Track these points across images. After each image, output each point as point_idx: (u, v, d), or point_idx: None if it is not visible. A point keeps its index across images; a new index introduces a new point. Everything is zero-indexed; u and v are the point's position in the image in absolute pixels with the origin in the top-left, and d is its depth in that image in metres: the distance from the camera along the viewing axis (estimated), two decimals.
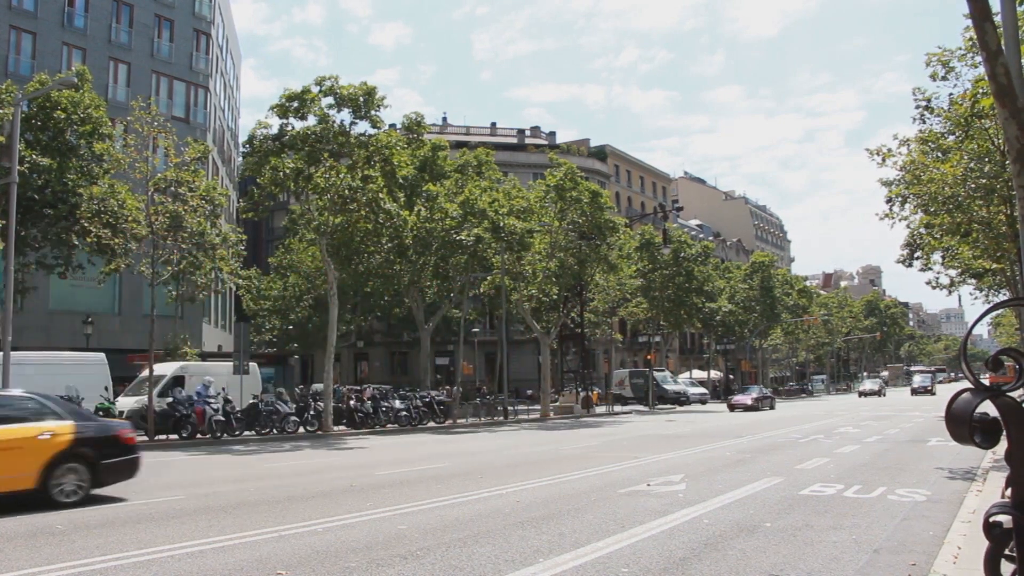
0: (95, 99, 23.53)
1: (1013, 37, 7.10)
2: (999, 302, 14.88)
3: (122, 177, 25.25)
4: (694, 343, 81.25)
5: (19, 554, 7.14)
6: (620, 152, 77.36)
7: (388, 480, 12.68)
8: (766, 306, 65.02)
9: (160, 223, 23.79)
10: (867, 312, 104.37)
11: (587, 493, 10.78)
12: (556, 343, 45.31)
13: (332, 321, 27.88)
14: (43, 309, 35.00)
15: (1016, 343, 34.86)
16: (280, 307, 46.35)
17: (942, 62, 16.48)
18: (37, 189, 22.08)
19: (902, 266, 39.64)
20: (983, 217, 17.31)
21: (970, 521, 7.56)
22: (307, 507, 9.76)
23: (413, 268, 34.28)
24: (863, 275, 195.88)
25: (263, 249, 64.56)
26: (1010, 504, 3.77)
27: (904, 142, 18.95)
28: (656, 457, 15.92)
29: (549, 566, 6.44)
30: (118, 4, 40.86)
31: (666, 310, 49.66)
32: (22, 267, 23.40)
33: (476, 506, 9.71)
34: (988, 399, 3.71)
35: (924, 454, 16.23)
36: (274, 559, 6.81)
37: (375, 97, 26.13)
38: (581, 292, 42.01)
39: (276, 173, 25.87)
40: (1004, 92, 6.82)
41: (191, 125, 42.14)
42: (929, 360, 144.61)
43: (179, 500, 10.63)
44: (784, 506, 9.58)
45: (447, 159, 39.31)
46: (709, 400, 53.63)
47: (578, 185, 35.74)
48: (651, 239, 48.92)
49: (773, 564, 6.54)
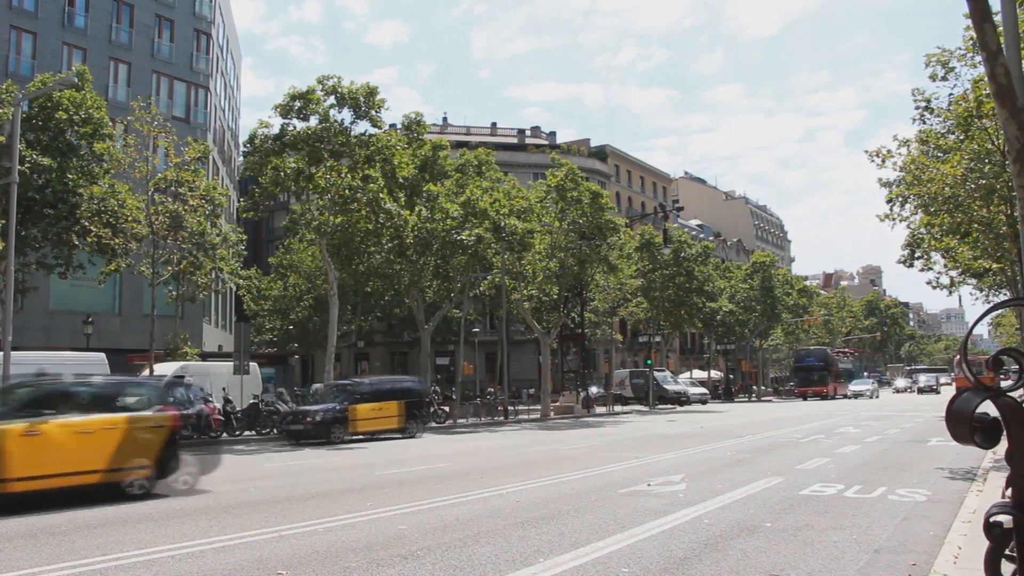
0: (96, 99, 23.53)
1: (1013, 37, 7.10)
2: (999, 302, 14.89)
3: (122, 177, 25.27)
4: (694, 343, 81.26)
5: (19, 554, 7.15)
6: (620, 152, 77.40)
7: (388, 480, 12.69)
8: (766, 306, 65.03)
9: (160, 223, 23.86)
10: (867, 312, 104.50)
11: (587, 493, 10.78)
12: (556, 343, 45.33)
13: (332, 321, 27.91)
14: (43, 309, 35.00)
15: (1016, 343, 34.87)
16: (280, 307, 46.36)
17: (942, 62, 16.49)
18: (37, 189, 22.09)
19: (902, 266, 39.67)
20: (983, 217, 17.32)
21: (970, 521, 7.56)
22: (307, 507, 9.77)
23: (413, 268, 34.29)
24: (863, 275, 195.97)
25: (263, 249, 64.59)
26: (1010, 504, 3.77)
27: (904, 143, 18.98)
28: (656, 457, 15.92)
29: (549, 566, 6.45)
30: (118, 4, 40.87)
31: (666, 310, 49.65)
32: (22, 267, 23.42)
33: (476, 506, 9.71)
34: (988, 399, 3.71)
35: (924, 454, 16.23)
36: (274, 559, 6.81)
37: (376, 97, 26.18)
38: (581, 292, 42.02)
39: (277, 173, 25.90)
40: (1004, 92, 6.82)
41: (191, 125, 42.16)
42: (929, 360, 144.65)
43: (179, 500, 10.63)
44: (784, 506, 9.58)
45: (447, 159, 39.31)
46: (709, 400, 53.62)
47: (579, 185, 35.75)
48: (651, 239, 48.91)
49: (773, 564, 6.54)
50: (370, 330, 53.88)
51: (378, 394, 23.56)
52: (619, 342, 64.86)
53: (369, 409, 22.76)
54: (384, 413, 23.14)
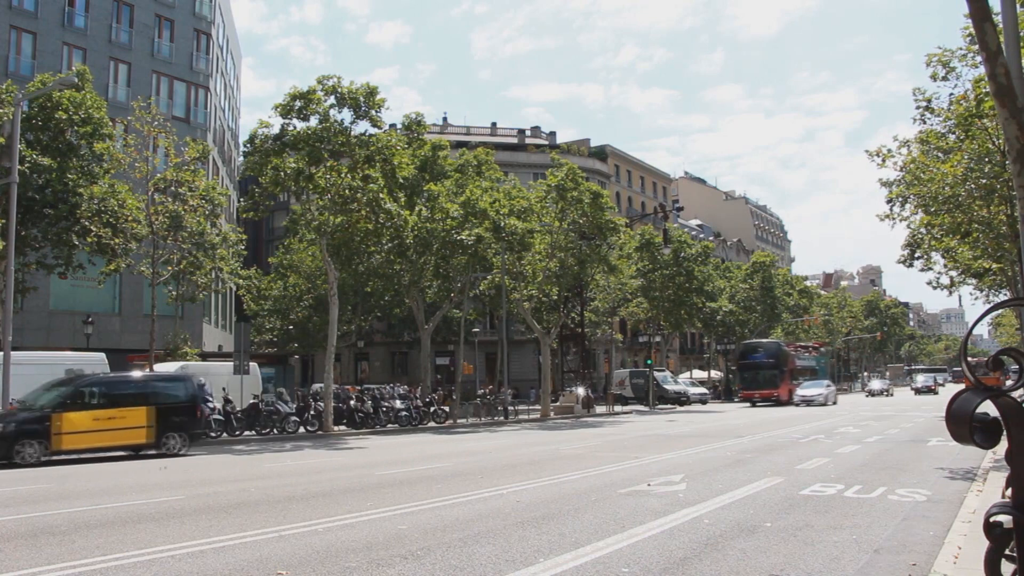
0: (96, 99, 23.55)
1: (1013, 37, 7.10)
2: (999, 302, 14.87)
3: (122, 177, 25.28)
4: (694, 343, 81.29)
5: (19, 554, 7.15)
6: (620, 152, 77.40)
7: (388, 480, 12.68)
8: (766, 306, 65.06)
9: (160, 223, 23.87)
10: (867, 312, 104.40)
11: (587, 493, 10.78)
12: (556, 343, 45.31)
13: (332, 321, 27.91)
14: (43, 309, 35.01)
15: (1016, 343, 34.86)
16: (280, 307, 46.37)
17: (942, 62, 16.48)
18: (38, 189, 22.11)
19: (902, 266, 39.70)
20: (983, 217, 17.31)
21: (970, 521, 7.56)
22: (307, 507, 9.76)
23: (413, 268, 34.28)
24: (863, 275, 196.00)
25: (263, 249, 64.61)
26: (1010, 504, 3.77)
27: (904, 143, 18.98)
28: (656, 457, 15.92)
29: (549, 566, 6.45)
30: (118, 4, 40.87)
31: (666, 310, 49.65)
32: (22, 267, 23.43)
33: (476, 506, 9.71)
34: (988, 399, 3.71)
35: (924, 454, 16.23)
36: (274, 559, 6.81)
37: (376, 97, 26.18)
38: (581, 292, 42.02)
39: (277, 173, 25.90)
40: (1004, 92, 6.82)
41: (191, 125, 42.17)
42: (929, 360, 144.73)
43: (179, 500, 10.64)
44: (784, 506, 9.58)
45: (447, 159, 39.31)
46: (709, 400, 53.60)
47: (579, 185, 35.73)
48: (651, 239, 48.91)
49: (773, 564, 6.54)
50: (370, 330, 53.90)
51: (111, 397, 18.27)
52: (619, 342, 64.86)
53: (89, 418, 17.38)
54: (119, 424, 17.83)
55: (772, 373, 49.63)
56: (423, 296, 37.62)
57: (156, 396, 19.07)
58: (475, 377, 47.42)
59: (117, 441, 18.08)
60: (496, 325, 48.62)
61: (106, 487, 12.43)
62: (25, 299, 25.58)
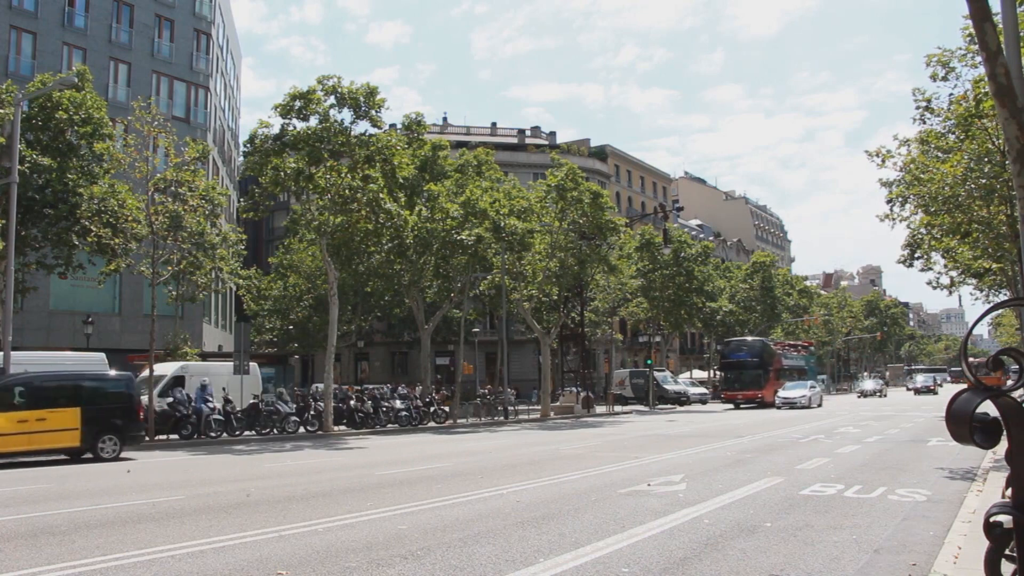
0: (96, 99, 23.53)
1: (1013, 37, 7.10)
2: (999, 302, 14.87)
3: (122, 177, 25.26)
4: (694, 343, 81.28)
5: (19, 554, 7.15)
6: (620, 152, 77.39)
7: (388, 480, 12.68)
8: (767, 306, 65.08)
9: (160, 223, 23.83)
10: (867, 312, 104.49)
11: (587, 493, 10.78)
12: (556, 343, 45.28)
13: (332, 321, 27.90)
14: (43, 309, 35.02)
15: (1016, 343, 34.86)
16: (280, 307, 46.37)
17: (942, 62, 16.47)
18: (38, 189, 22.09)
19: (902, 266, 39.68)
20: (983, 217, 17.31)
21: (970, 521, 7.56)
22: (307, 507, 9.76)
23: (413, 268, 34.28)
24: (863, 275, 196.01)
25: (263, 249, 64.62)
26: (1010, 504, 3.77)
27: (904, 143, 18.98)
28: (656, 457, 15.92)
29: (549, 566, 6.45)
30: (118, 4, 40.88)
31: (666, 310, 49.66)
32: (22, 267, 23.41)
33: (476, 506, 9.71)
34: (988, 399, 3.71)
35: (924, 454, 16.23)
36: (275, 559, 6.81)
37: (376, 97, 26.17)
38: (581, 292, 42.01)
39: (277, 173, 25.90)
40: (1004, 92, 6.82)
41: (191, 125, 42.17)
42: (929, 360, 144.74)
43: (179, 500, 10.63)
44: (784, 506, 9.58)
45: (447, 159, 39.32)
46: (709, 400, 53.59)
47: (579, 185, 35.74)
48: (651, 239, 48.94)
49: (773, 564, 6.54)
50: (370, 330, 53.91)
51: (39, 397, 16.78)
52: (619, 342, 64.85)
53: (12, 420, 16.02)
54: (46, 426, 16.40)
55: (756, 373, 46.56)
56: (423, 296, 37.62)
57: (90, 396, 17.69)
58: (475, 377, 47.41)
59: (44, 444, 16.55)
60: (496, 325, 48.62)
61: (106, 487, 12.44)
62: (25, 299, 25.56)
